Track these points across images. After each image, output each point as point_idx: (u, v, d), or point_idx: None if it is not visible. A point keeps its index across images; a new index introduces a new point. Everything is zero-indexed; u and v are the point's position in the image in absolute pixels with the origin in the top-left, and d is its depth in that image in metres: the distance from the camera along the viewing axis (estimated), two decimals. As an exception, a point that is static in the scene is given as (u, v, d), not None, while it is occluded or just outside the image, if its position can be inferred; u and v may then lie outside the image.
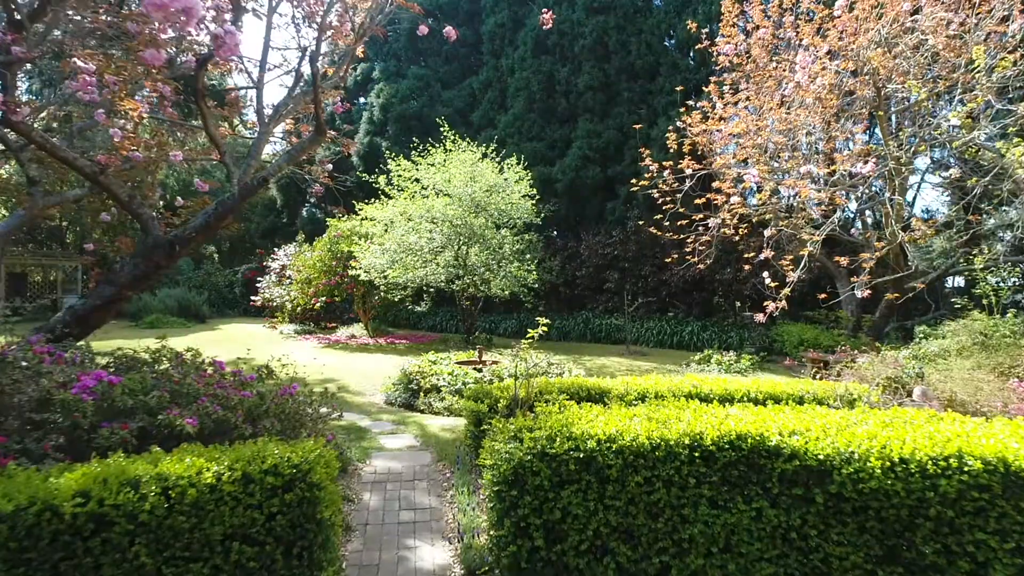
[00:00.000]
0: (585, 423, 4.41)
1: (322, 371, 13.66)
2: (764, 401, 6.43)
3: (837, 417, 4.44)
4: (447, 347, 17.63)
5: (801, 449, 3.90)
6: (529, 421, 4.56)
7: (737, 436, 4.05)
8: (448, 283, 17.16)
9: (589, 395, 6.76)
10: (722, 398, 6.48)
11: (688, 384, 6.79)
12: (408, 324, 23.52)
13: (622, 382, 7.09)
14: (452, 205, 15.97)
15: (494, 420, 4.87)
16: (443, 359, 11.95)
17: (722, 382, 6.92)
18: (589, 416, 4.57)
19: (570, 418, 4.53)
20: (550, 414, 4.68)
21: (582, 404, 5.06)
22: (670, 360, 15.56)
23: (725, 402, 6.39)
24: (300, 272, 20.27)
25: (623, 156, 20.85)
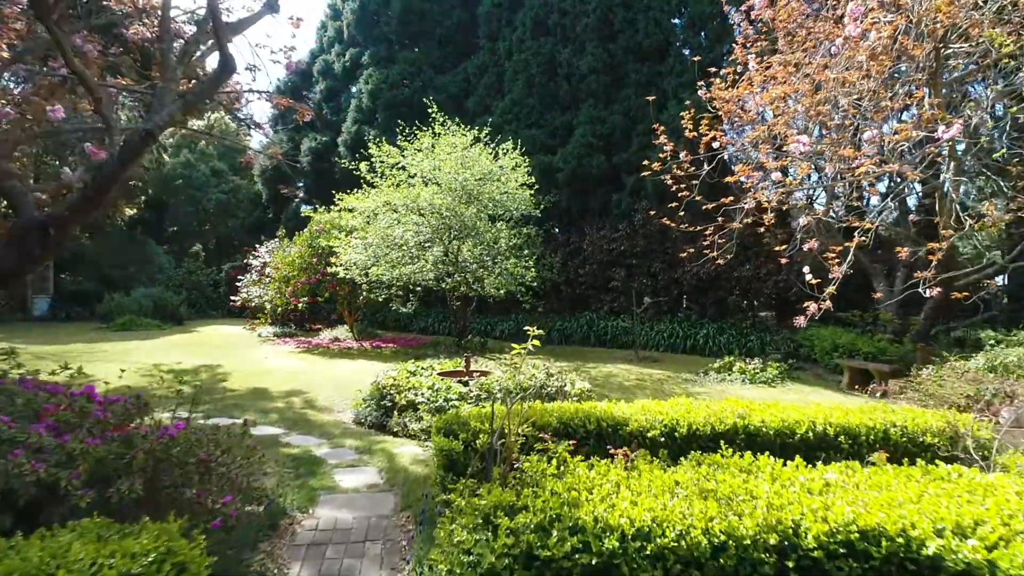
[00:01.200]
0: (599, 499, 2.76)
1: (291, 380, 12.02)
2: (837, 437, 4.75)
3: (1013, 492, 2.75)
4: (436, 352, 15.97)
5: (992, 567, 2.22)
6: (509, 495, 2.89)
7: (861, 533, 2.37)
8: (437, 281, 15.50)
9: (599, 430, 5.09)
10: (779, 432, 4.80)
11: (731, 412, 5.10)
12: (397, 326, 21.85)
13: (641, 408, 5.41)
14: (441, 194, 14.30)
15: (458, 485, 3.22)
16: (425, 368, 10.29)
17: (776, 410, 5.23)
18: (604, 484, 2.90)
19: (574, 488, 2.88)
20: (543, 479, 3.02)
21: (592, 457, 3.40)
22: (685, 368, 13.87)
23: (783, 438, 4.71)
24: (278, 270, 18.61)
25: (630, 143, 19.17)
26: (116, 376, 12.25)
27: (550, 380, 9.62)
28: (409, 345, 17.98)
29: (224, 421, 8.82)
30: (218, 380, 12.15)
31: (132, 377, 12.14)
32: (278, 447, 7.53)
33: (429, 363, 13.77)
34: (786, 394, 11.14)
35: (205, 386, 11.56)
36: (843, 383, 11.61)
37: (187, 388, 11.31)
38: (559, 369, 13.09)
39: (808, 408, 5.33)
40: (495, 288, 15.36)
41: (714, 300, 17.11)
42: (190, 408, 5.62)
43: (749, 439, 4.78)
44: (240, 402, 10.10)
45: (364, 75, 24.69)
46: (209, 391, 11.07)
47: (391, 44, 24.97)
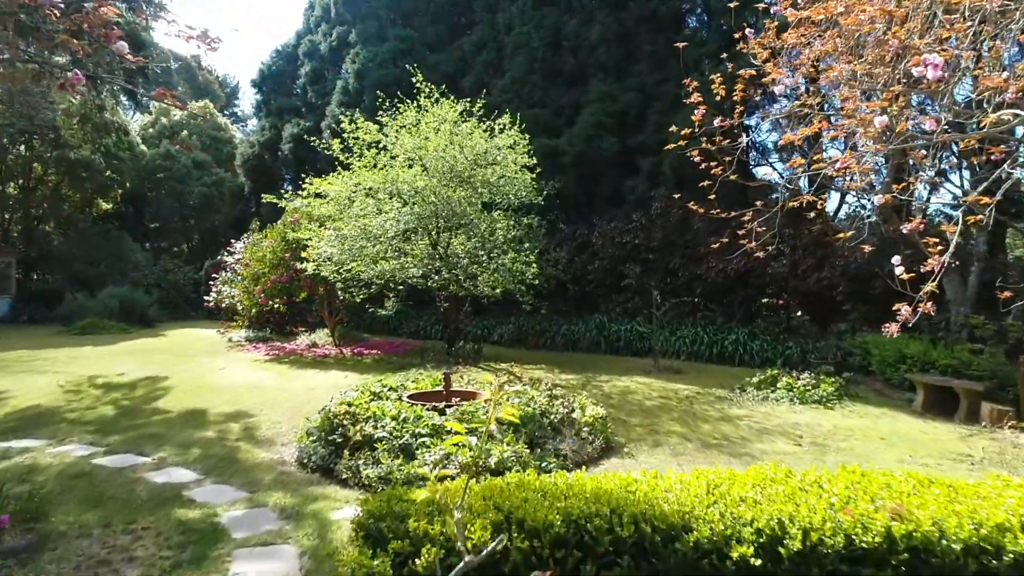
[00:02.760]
0: None
1: (241, 398, 9.91)
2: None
3: None
4: (423, 360, 13.84)
5: None
6: None
7: None
8: (424, 279, 13.36)
9: (640, 540, 2.90)
10: (970, 548, 2.61)
11: (875, 506, 2.91)
12: (385, 329, 19.69)
13: (708, 488, 3.23)
14: (426, 176, 12.16)
15: None
16: (393, 389, 8.13)
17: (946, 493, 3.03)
18: None
19: None
20: None
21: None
22: (714, 381, 11.68)
23: (979, 559, 2.49)
24: (248, 267, 16.49)
25: (645, 122, 17.00)
26: (37, 391, 10.27)
27: (553, 405, 7.46)
28: (395, 351, 15.85)
29: (128, 460, 6.73)
30: (154, 397, 10.05)
31: (53, 394, 10.13)
32: (175, 506, 5.39)
33: (411, 376, 11.66)
34: (848, 418, 8.95)
35: (134, 405, 9.46)
36: (916, 404, 9.41)
37: (110, 409, 9.24)
38: (565, 385, 10.95)
39: (991, 485, 3.14)
40: (490, 287, 13.21)
41: (743, 300, 14.91)
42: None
43: (916, 561, 2.61)
44: (163, 430, 7.98)
45: (351, 54, 22.58)
46: (134, 413, 8.96)
47: (381, 21, 22.85)
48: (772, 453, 7.11)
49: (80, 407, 9.35)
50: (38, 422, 8.41)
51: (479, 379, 11.65)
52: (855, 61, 6.26)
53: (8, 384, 11.03)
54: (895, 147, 6.37)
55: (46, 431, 7.94)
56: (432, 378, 9.56)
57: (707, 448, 7.28)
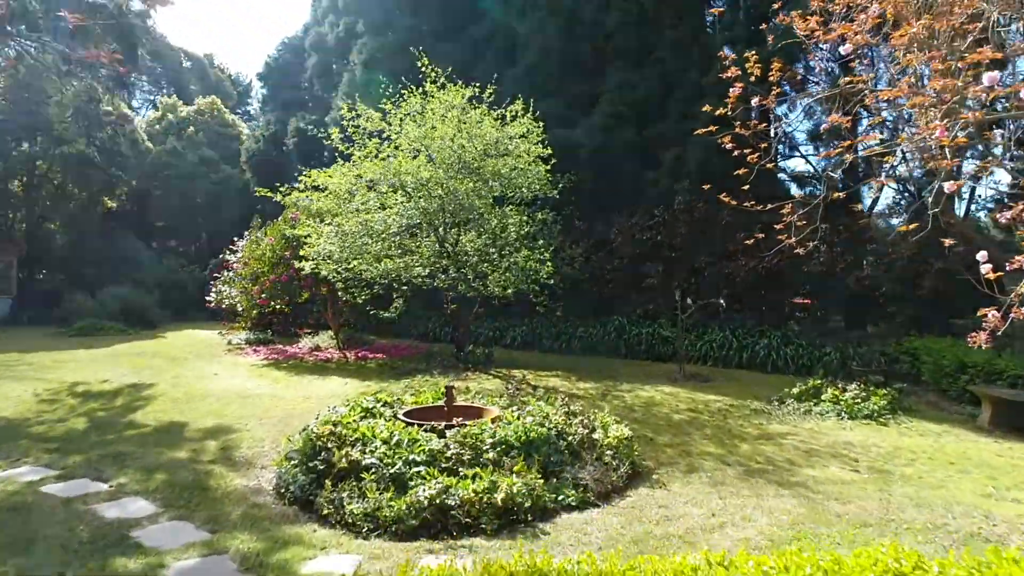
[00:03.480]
0: None
1: (226, 409, 9.03)
2: None
3: None
4: (430, 366, 12.90)
5: None
6: None
7: None
8: (430, 278, 12.43)
9: None
10: None
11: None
12: (392, 331, 18.75)
13: None
14: (432, 167, 11.22)
15: None
16: (385, 403, 7.17)
17: None
18: None
19: None
20: None
21: None
22: (747, 391, 10.64)
23: None
24: (247, 266, 15.64)
25: (666, 112, 15.97)
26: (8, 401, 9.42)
27: (572, 424, 6.48)
28: (401, 355, 14.93)
29: (81, 487, 5.83)
30: (134, 408, 9.19)
31: (25, 404, 9.31)
32: (117, 553, 4.48)
33: (415, 383, 10.77)
34: (906, 436, 7.88)
35: (110, 418, 8.60)
36: (982, 420, 8.32)
37: (82, 422, 8.38)
38: (583, 395, 9.95)
39: None
40: (501, 287, 12.24)
41: (775, 301, 13.85)
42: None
43: None
44: (133, 448, 7.09)
45: (358, 44, 21.70)
46: (107, 426, 8.10)
47: (388, 11, 21.92)
48: (827, 482, 6.07)
49: (50, 419, 8.50)
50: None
51: (488, 387, 10.70)
52: (933, 19, 5.20)
53: (-19, 392, 10.23)
54: (998, 115, 5.30)
55: (1, 450, 7.07)
56: (436, 388, 8.60)
57: (750, 475, 6.26)
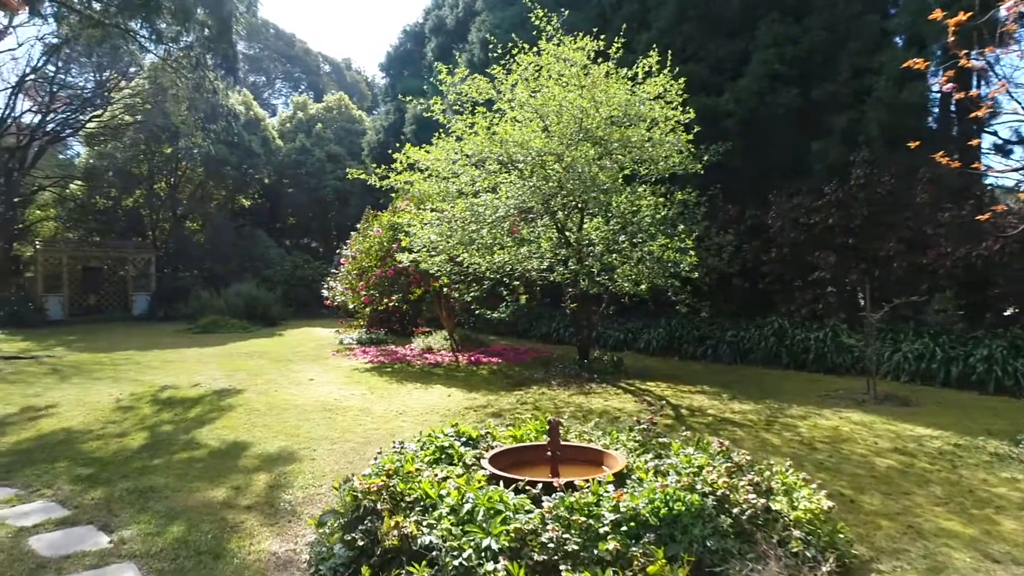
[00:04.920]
0: None
1: (302, 427, 7.64)
2: None
3: None
4: (548, 375, 11.05)
5: None
6: None
7: None
8: (548, 272, 10.55)
9: None
10: None
11: None
12: (512, 331, 17.06)
13: None
14: (544, 137, 9.31)
15: None
16: (469, 440, 5.28)
17: None
18: None
19: None
20: None
21: None
22: (971, 421, 7.83)
23: None
24: (353, 260, 14.51)
25: (835, 68, 13.05)
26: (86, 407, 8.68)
27: (738, 487, 4.30)
28: (520, 359, 13.20)
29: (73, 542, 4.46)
30: (204, 421, 8.03)
31: (99, 411, 8.51)
32: None
33: (531, 395, 8.94)
34: None
35: (172, 434, 7.46)
36: None
37: (141, 438, 7.26)
38: (740, 420, 7.62)
39: None
40: (632, 281, 10.12)
41: (993, 299, 10.70)
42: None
43: None
44: (170, 481, 5.74)
45: (476, 22, 20.25)
46: (161, 446, 6.90)
47: (511, -17, 20.29)
48: None
49: (110, 433, 7.47)
50: (38, 457, 6.52)
51: (615, 406, 8.65)
52: None
53: (68, 395, 9.56)
54: None
55: (32, 473, 5.97)
56: (552, 403, 6.69)
57: (1043, 586, 3.83)
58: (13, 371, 11.75)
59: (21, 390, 9.97)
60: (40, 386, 10.36)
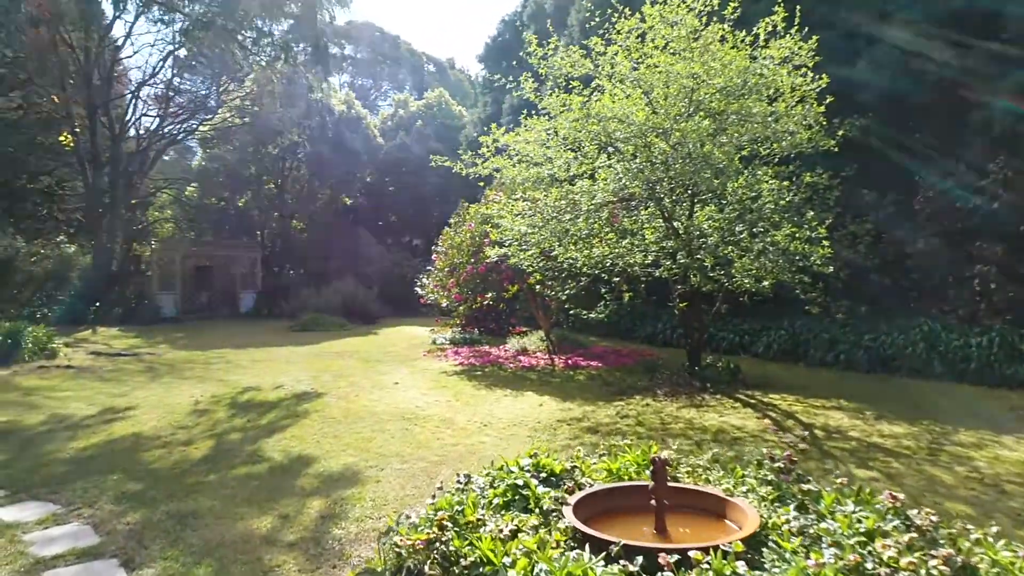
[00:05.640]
0: None
1: (375, 440, 6.91)
2: None
3: None
4: (653, 383, 9.85)
5: None
6: None
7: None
8: (652, 267, 9.34)
9: None
10: None
11: None
12: (614, 331, 15.80)
13: None
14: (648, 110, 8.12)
15: None
16: (551, 474, 4.19)
17: None
18: None
19: None
20: None
21: None
22: None
23: None
24: (443, 257, 13.81)
25: (1002, 22, 10.99)
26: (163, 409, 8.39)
27: (928, 565, 2.99)
28: (621, 363, 12.02)
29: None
30: (275, 430, 7.47)
31: (175, 415, 8.27)
32: None
33: (630, 407, 7.83)
34: None
35: (239, 443, 6.96)
36: None
37: (205, 447, 6.76)
38: (892, 448, 6.14)
39: None
40: (753, 277, 8.72)
41: None
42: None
43: None
44: (216, 505, 5.09)
45: (576, 4, 19.18)
46: (222, 459, 6.35)
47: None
48: None
49: (177, 441, 7.00)
50: (95, 467, 6.09)
51: (733, 423, 7.36)
52: None
53: (151, 395, 9.35)
54: None
55: (81, 487, 5.50)
56: (658, 419, 5.56)
57: None
58: (113, 368, 11.83)
59: (111, 389, 9.87)
60: (130, 385, 10.26)
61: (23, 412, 8.28)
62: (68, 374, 11.13)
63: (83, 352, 13.59)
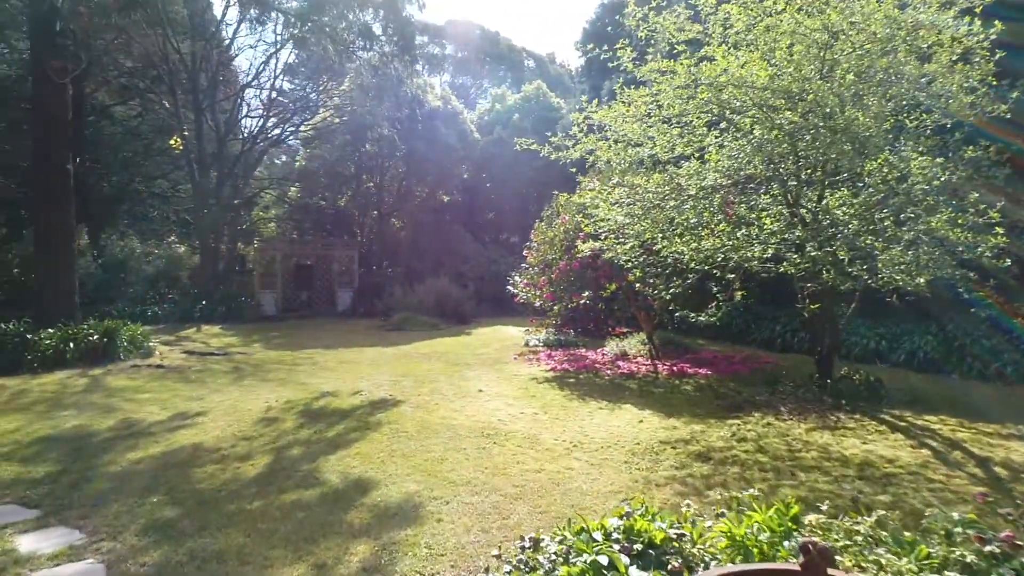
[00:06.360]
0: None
1: (450, 458, 6.08)
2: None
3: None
4: (775, 397, 8.46)
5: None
6: None
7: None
8: (772, 261, 7.95)
9: None
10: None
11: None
12: (726, 334, 14.22)
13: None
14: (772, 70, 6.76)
15: None
16: (645, 543, 3.08)
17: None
18: None
19: None
20: None
21: None
22: None
23: None
24: (536, 254, 12.82)
25: None
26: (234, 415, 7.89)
27: None
28: (734, 371, 10.64)
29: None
30: (340, 445, 6.73)
31: (243, 422, 7.82)
32: None
33: (745, 430, 6.60)
34: None
35: (297, 460, 6.22)
36: None
37: (262, 463, 6.09)
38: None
39: None
40: (903, 272, 7.14)
41: None
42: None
43: None
44: (246, 543, 4.36)
45: (681, -23, 17.63)
46: (274, 480, 5.63)
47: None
48: None
49: (236, 454, 6.39)
50: (138, 485, 5.52)
51: (882, 455, 5.94)
52: None
53: (226, 400, 8.91)
54: None
55: (113, 512, 4.93)
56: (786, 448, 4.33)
57: None
58: (200, 369, 11.64)
59: (190, 392, 9.54)
60: (210, 387, 9.92)
61: (97, 416, 7.99)
62: (156, 374, 10.99)
63: (178, 351, 13.59)
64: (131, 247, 22.11)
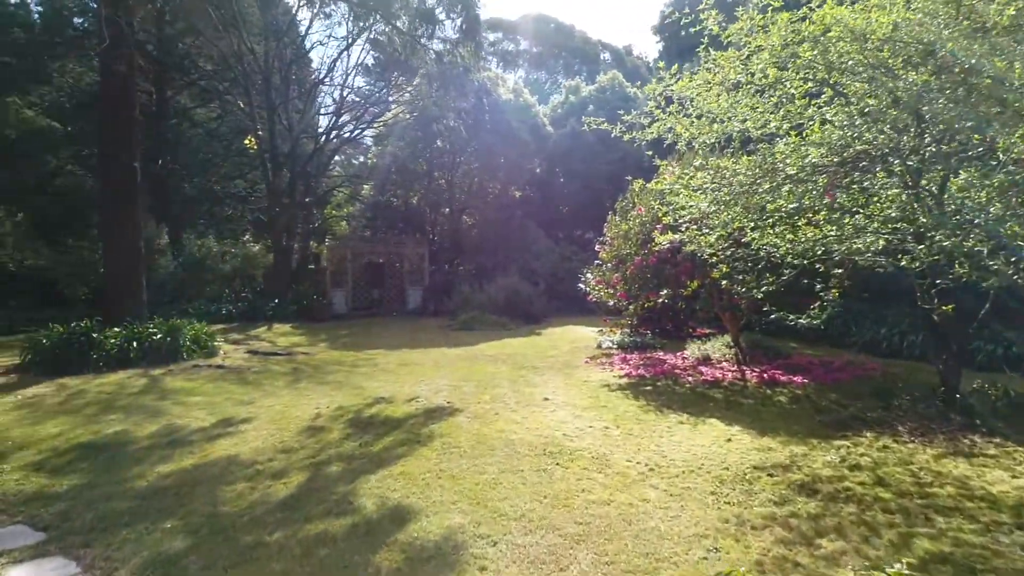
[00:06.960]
0: None
1: (504, 482, 5.29)
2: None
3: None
4: (891, 413, 7.22)
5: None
6: None
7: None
8: (888, 255, 6.72)
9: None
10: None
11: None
12: (823, 336, 12.77)
13: None
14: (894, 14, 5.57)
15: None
16: None
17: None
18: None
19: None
20: None
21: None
22: None
23: None
24: (608, 249, 11.83)
25: None
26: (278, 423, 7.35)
27: None
28: (835, 380, 9.36)
29: None
30: (384, 462, 6.01)
31: (287, 431, 7.20)
32: None
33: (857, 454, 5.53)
34: None
35: (334, 480, 5.57)
36: None
37: (297, 480, 5.46)
38: None
39: None
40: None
41: None
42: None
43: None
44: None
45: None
46: (301, 506, 4.96)
47: None
48: None
49: (271, 469, 5.77)
50: (155, 507, 4.96)
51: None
52: None
53: (276, 405, 8.39)
54: None
55: (119, 540, 4.37)
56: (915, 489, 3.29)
57: None
58: (259, 370, 11.27)
59: (241, 395, 9.10)
60: (264, 391, 9.46)
61: (141, 421, 7.60)
62: (214, 375, 10.68)
63: (242, 351, 13.35)
64: (208, 246, 22.40)
